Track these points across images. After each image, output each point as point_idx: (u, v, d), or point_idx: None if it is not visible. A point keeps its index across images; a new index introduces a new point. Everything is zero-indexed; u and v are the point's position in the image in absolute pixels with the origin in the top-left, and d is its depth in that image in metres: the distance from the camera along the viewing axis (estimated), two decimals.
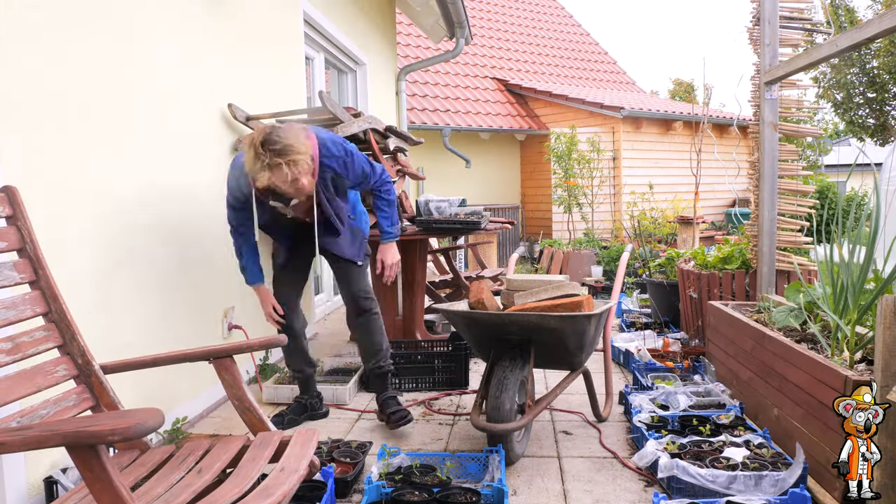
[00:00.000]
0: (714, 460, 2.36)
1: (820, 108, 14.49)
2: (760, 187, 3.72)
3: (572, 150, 9.32)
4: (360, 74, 6.66)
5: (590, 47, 16.95)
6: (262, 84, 4.17)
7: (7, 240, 1.83)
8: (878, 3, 13.74)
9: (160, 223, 2.99)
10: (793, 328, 2.90)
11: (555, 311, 2.68)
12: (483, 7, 15.14)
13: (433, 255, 5.58)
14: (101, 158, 2.57)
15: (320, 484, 2.25)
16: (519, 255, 3.96)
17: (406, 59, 10.03)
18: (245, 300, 3.78)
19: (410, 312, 4.32)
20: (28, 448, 1.18)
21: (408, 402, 3.50)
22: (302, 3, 4.83)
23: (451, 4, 6.54)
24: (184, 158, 3.20)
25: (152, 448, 1.93)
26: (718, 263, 4.20)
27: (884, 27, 2.44)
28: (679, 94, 23.52)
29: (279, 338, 2.07)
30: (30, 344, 1.78)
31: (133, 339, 2.75)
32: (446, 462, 2.47)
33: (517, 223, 10.78)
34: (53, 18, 2.32)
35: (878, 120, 14.17)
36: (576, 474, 2.57)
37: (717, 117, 11.02)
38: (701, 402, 3.06)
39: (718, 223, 11.44)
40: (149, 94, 2.90)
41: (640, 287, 6.36)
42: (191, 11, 3.29)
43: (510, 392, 2.58)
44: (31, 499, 2.17)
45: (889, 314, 2.02)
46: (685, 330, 4.47)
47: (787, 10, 3.66)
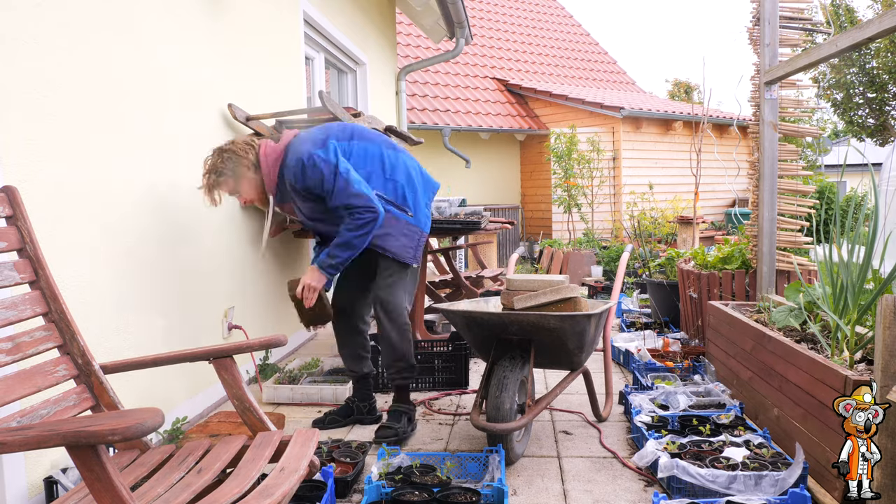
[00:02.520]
0: (714, 460, 2.36)
1: (819, 107, 14.49)
2: (760, 187, 3.72)
3: (572, 150, 9.32)
4: (360, 74, 6.66)
5: (590, 47, 16.96)
6: (262, 84, 4.17)
7: (7, 240, 1.83)
8: (878, 3, 13.74)
9: (160, 223, 2.99)
10: (793, 328, 2.90)
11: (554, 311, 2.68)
12: (483, 7, 15.14)
13: (433, 255, 5.58)
14: (102, 158, 2.57)
15: (320, 484, 2.25)
16: (519, 255, 3.96)
17: (406, 59, 10.03)
18: (245, 300, 3.78)
19: (410, 312, 4.32)
20: (28, 448, 1.18)
21: None
22: (302, 3, 4.83)
23: (451, 4, 6.54)
24: (184, 158, 3.20)
25: (152, 448, 1.93)
26: (718, 263, 4.20)
27: (884, 27, 2.44)
28: (678, 95, 23.52)
29: (279, 338, 2.06)
30: (30, 344, 1.78)
31: (133, 339, 2.75)
32: (446, 462, 2.47)
33: (517, 223, 10.78)
34: (54, 18, 2.32)
35: (878, 120, 14.17)
36: (576, 474, 2.57)
37: (716, 117, 11.02)
38: (701, 402, 3.06)
39: (718, 223, 11.44)
40: (149, 94, 2.90)
41: (640, 287, 6.36)
42: (191, 12, 3.29)
43: (510, 392, 2.58)
44: (31, 499, 2.17)
45: (889, 314, 2.02)
46: (685, 330, 4.47)
47: (787, 10, 3.67)
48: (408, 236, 2.86)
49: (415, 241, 2.89)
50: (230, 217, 3.65)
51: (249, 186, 2.84)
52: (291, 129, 2.95)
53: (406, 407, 3.00)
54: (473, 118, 10.54)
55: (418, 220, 2.90)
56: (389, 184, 2.85)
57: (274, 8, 4.35)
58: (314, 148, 2.74)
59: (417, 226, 2.88)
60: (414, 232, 2.88)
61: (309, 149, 2.73)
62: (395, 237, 2.84)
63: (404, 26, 11.07)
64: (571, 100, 10.92)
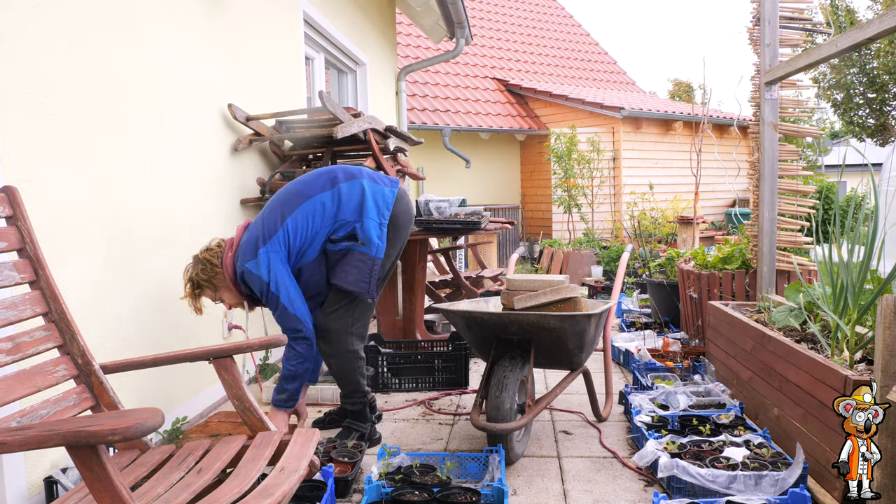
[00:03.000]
0: (714, 460, 2.36)
1: (819, 108, 14.49)
2: (760, 187, 3.72)
3: (572, 150, 9.32)
4: (360, 74, 6.66)
5: (590, 47, 16.96)
6: (262, 84, 4.17)
7: (7, 240, 1.83)
8: (878, 4, 13.74)
9: (160, 222, 2.99)
10: (793, 328, 2.90)
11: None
12: (483, 7, 15.14)
13: (433, 255, 5.59)
14: (102, 158, 2.57)
15: (320, 484, 2.25)
16: (519, 255, 3.96)
17: (406, 59, 10.03)
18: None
19: (410, 312, 4.32)
20: (28, 448, 1.18)
21: (408, 402, 3.50)
22: (302, 3, 4.83)
23: (451, 4, 6.54)
24: (184, 158, 3.20)
25: (152, 448, 1.93)
26: (718, 263, 4.20)
27: (884, 27, 2.44)
28: (678, 95, 23.51)
29: (279, 337, 2.07)
30: (30, 344, 1.78)
31: (133, 338, 2.75)
32: (446, 462, 2.47)
33: (517, 223, 10.78)
34: (54, 18, 2.32)
35: (878, 120, 14.17)
36: (576, 474, 2.57)
37: (717, 117, 11.03)
38: (701, 401, 3.06)
39: (718, 223, 11.44)
40: (149, 94, 2.90)
41: (640, 287, 6.36)
42: (191, 12, 3.29)
43: (510, 392, 2.58)
44: (31, 499, 2.17)
45: (889, 314, 2.02)
46: (685, 330, 4.47)
47: (787, 11, 3.67)
48: (359, 268, 2.77)
49: (367, 271, 2.78)
50: (230, 217, 3.66)
51: (228, 294, 2.85)
52: (242, 223, 2.90)
53: (358, 425, 2.91)
54: (473, 118, 10.54)
55: (369, 246, 2.79)
56: (337, 225, 2.78)
57: (274, 8, 4.35)
58: (246, 261, 2.72)
59: (367, 253, 2.78)
60: (364, 260, 2.78)
61: (242, 262, 2.74)
62: (347, 272, 2.78)
63: (404, 26, 11.07)
64: (571, 100, 10.92)
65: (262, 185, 3.94)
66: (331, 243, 2.78)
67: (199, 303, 2.84)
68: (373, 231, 2.78)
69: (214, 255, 2.79)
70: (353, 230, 2.77)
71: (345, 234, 2.77)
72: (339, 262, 2.78)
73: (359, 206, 2.79)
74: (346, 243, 2.77)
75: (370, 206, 2.80)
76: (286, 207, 2.77)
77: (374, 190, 2.84)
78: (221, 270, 2.77)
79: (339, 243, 2.78)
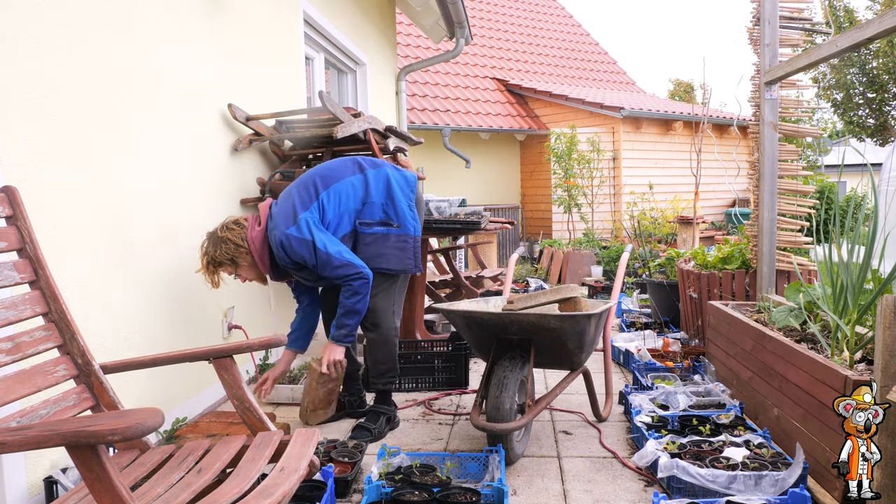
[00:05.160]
0: (714, 460, 2.36)
1: (819, 107, 14.49)
2: (760, 187, 3.72)
3: (572, 150, 9.32)
4: (360, 74, 6.66)
5: (590, 47, 16.95)
6: (262, 84, 4.17)
7: (7, 240, 1.83)
8: (877, 4, 13.74)
9: (160, 222, 2.99)
10: (793, 328, 2.90)
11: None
12: (483, 7, 15.14)
13: (433, 255, 5.58)
14: (102, 158, 2.57)
15: (320, 484, 2.25)
16: (519, 255, 3.96)
17: (406, 59, 10.03)
18: (245, 300, 3.78)
19: (410, 312, 4.32)
20: (28, 448, 1.18)
21: (408, 402, 3.50)
22: (302, 4, 4.83)
23: (451, 4, 6.54)
24: (184, 158, 3.20)
25: (152, 448, 1.93)
26: (718, 263, 4.20)
27: (884, 27, 2.44)
28: (679, 95, 23.52)
29: (279, 337, 2.07)
30: (30, 344, 1.78)
31: (133, 339, 2.75)
32: (446, 462, 2.47)
33: (517, 223, 10.78)
34: (54, 18, 2.32)
35: (878, 120, 14.17)
36: (576, 474, 2.57)
37: (717, 117, 11.02)
38: (701, 402, 3.06)
39: (718, 223, 11.44)
40: (149, 94, 2.90)
41: (640, 287, 6.36)
42: (191, 12, 3.29)
43: (510, 392, 2.58)
44: (31, 499, 2.17)
45: (889, 314, 2.02)
46: (685, 330, 4.47)
47: (787, 11, 3.67)
48: (401, 248, 2.94)
49: (410, 249, 2.97)
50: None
51: (248, 269, 2.92)
52: (265, 201, 2.97)
53: (385, 408, 3.07)
54: (473, 118, 10.53)
55: (405, 227, 2.95)
56: (367, 208, 2.93)
57: (274, 8, 4.35)
58: (287, 227, 2.79)
59: (406, 233, 2.95)
60: (405, 241, 2.95)
61: (283, 230, 2.79)
62: (389, 256, 2.93)
63: (404, 26, 11.07)
64: (571, 100, 10.92)
65: (262, 185, 3.94)
66: (363, 226, 2.92)
67: (217, 277, 2.89)
68: (405, 212, 2.94)
69: (237, 235, 2.83)
70: (386, 216, 2.92)
71: (377, 220, 2.92)
72: (377, 247, 2.92)
73: (386, 188, 2.96)
74: (380, 228, 2.92)
75: (396, 188, 2.96)
76: (320, 184, 2.91)
77: (398, 175, 3.01)
78: (246, 248, 2.82)
79: (371, 226, 2.92)
